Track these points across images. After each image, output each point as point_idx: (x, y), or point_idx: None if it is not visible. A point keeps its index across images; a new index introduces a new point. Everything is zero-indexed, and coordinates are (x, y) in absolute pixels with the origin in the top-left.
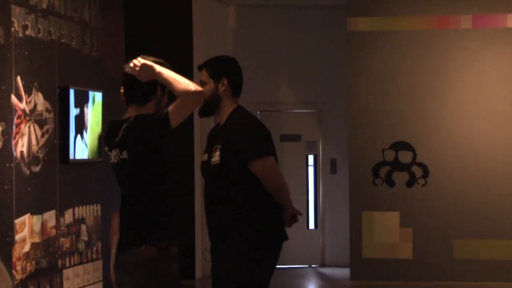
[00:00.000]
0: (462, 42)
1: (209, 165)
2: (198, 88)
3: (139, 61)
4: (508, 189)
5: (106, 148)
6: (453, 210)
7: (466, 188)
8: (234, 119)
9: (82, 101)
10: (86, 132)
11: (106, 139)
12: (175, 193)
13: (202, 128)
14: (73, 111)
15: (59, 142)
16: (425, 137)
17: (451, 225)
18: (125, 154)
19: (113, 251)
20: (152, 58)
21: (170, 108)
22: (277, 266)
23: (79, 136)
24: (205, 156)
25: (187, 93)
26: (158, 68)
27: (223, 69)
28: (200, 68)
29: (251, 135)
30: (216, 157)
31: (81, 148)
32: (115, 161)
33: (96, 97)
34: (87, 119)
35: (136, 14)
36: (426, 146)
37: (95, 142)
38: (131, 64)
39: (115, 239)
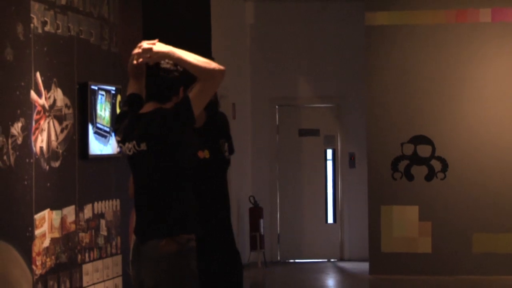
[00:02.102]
0: (481, 36)
1: (220, 160)
2: (221, 66)
3: (148, 43)
4: None
5: (119, 140)
6: (472, 204)
7: (485, 181)
8: (215, 112)
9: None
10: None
11: (123, 131)
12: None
13: None
14: (98, 107)
15: (78, 137)
16: (444, 131)
17: (470, 219)
18: (143, 146)
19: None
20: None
21: (191, 94)
22: (296, 260)
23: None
24: (206, 153)
25: (212, 71)
26: (167, 47)
27: None
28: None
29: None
30: (227, 152)
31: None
32: (130, 153)
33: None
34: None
35: (154, 10)
36: (445, 140)
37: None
38: (139, 50)
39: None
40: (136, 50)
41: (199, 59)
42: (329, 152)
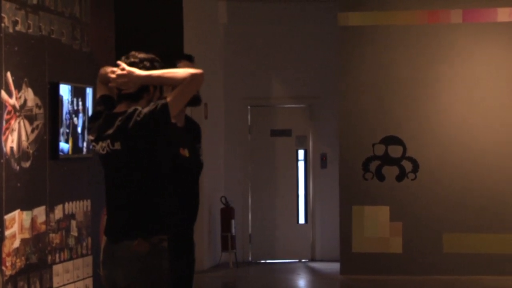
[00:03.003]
0: (453, 37)
1: (198, 162)
2: (198, 70)
3: (123, 68)
4: (498, 183)
5: (92, 139)
6: (443, 204)
7: (455, 182)
8: (190, 118)
9: (77, 97)
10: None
11: (97, 130)
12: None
13: None
14: (66, 106)
15: (49, 137)
16: (415, 132)
17: (440, 219)
18: (117, 145)
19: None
20: (143, 54)
21: (169, 97)
22: (268, 261)
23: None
24: (186, 152)
25: (192, 76)
26: (144, 72)
27: None
28: (193, 60)
29: None
30: (202, 156)
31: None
32: (104, 152)
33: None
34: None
35: (127, 10)
36: (416, 140)
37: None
38: (114, 76)
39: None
40: (111, 75)
41: (176, 71)
42: (301, 153)
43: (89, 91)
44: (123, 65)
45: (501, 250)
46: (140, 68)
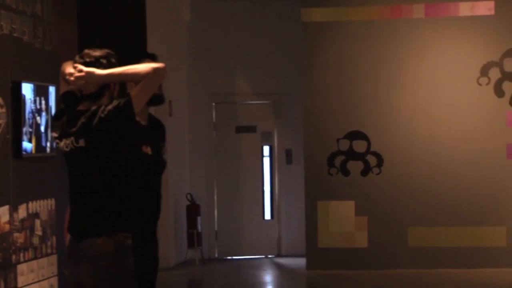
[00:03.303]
0: (415, 32)
1: (160, 160)
2: (160, 64)
3: (80, 69)
4: (461, 176)
5: (56, 136)
6: (407, 198)
7: (419, 176)
8: (154, 116)
9: (40, 95)
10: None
11: (61, 127)
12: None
13: None
14: (29, 105)
15: (12, 137)
16: (379, 126)
17: (405, 213)
18: (82, 143)
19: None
20: (98, 52)
21: (133, 93)
22: (234, 257)
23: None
24: (149, 150)
25: (155, 70)
26: (105, 71)
27: None
28: (157, 58)
29: None
30: (165, 155)
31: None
32: (68, 149)
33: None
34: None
35: (89, 7)
36: (380, 135)
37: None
38: (72, 78)
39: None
40: (69, 78)
41: (137, 66)
42: (266, 149)
43: (52, 89)
44: (80, 66)
45: (464, 243)
46: (97, 67)
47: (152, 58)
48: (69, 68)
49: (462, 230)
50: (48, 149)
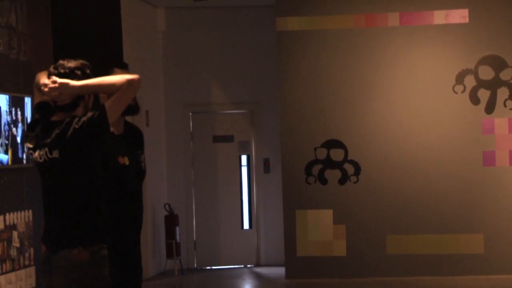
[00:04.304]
0: (390, 40)
1: (139, 170)
2: (135, 75)
3: (54, 81)
4: (437, 184)
5: (31, 147)
6: (385, 206)
7: (397, 184)
8: (131, 124)
9: (16, 107)
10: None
11: (35, 138)
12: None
13: None
14: (4, 116)
15: None
16: (356, 135)
17: (383, 221)
18: (55, 154)
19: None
20: (72, 63)
21: (107, 104)
22: (213, 267)
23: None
24: (126, 160)
25: (129, 82)
26: (79, 82)
27: None
28: (127, 67)
29: None
30: (143, 163)
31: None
32: (41, 160)
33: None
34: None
35: (64, 18)
36: (357, 143)
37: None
38: (46, 89)
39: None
40: (44, 89)
41: (112, 78)
42: (244, 158)
43: (27, 100)
44: (54, 77)
45: (442, 251)
46: (72, 78)
47: (123, 67)
48: (43, 79)
49: (439, 238)
50: (24, 161)
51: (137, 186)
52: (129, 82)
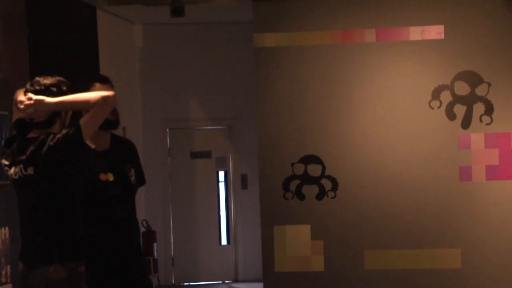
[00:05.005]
0: (367, 56)
1: (126, 185)
2: (110, 92)
3: (30, 97)
4: (414, 199)
5: (7, 163)
6: (363, 221)
7: (374, 199)
8: (120, 138)
9: None
10: None
11: (11, 155)
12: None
13: None
14: None
15: None
16: (333, 150)
17: (361, 236)
18: (30, 170)
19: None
20: (49, 79)
21: (82, 121)
22: (191, 283)
23: None
24: (110, 176)
25: (104, 99)
26: (54, 99)
27: None
28: (108, 81)
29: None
30: (133, 177)
31: None
32: (16, 177)
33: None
34: None
35: (41, 34)
36: (335, 159)
37: None
38: (22, 106)
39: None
40: (19, 106)
41: (87, 95)
42: (221, 174)
43: (5, 118)
44: (30, 94)
45: (420, 266)
46: (47, 95)
47: (102, 80)
48: (20, 96)
49: (417, 253)
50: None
51: (125, 201)
52: (104, 98)
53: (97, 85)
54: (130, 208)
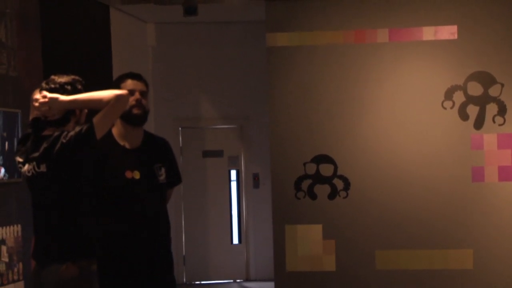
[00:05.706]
0: (379, 56)
1: (153, 183)
2: (123, 91)
3: (44, 95)
4: (426, 199)
5: (21, 161)
6: (374, 221)
7: (386, 199)
8: (152, 136)
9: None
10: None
11: (25, 152)
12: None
13: None
14: None
15: None
16: (346, 150)
17: (372, 236)
18: (43, 168)
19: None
20: (64, 78)
21: (95, 119)
22: (202, 282)
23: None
24: (136, 174)
25: (117, 97)
26: (68, 97)
27: None
28: (140, 78)
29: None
30: (163, 176)
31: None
32: (29, 174)
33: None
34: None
35: (54, 33)
36: (347, 158)
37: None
38: (37, 104)
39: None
40: (34, 104)
41: (100, 93)
42: (233, 173)
43: (18, 116)
44: (45, 92)
45: (432, 266)
46: (61, 93)
47: (134, 77)
48: (36, 94)
49: (429, 253)
50: (13, 175)
51: (151, 199)
52: (117, 97)
53: (129, 81)
54: (157, 207)
